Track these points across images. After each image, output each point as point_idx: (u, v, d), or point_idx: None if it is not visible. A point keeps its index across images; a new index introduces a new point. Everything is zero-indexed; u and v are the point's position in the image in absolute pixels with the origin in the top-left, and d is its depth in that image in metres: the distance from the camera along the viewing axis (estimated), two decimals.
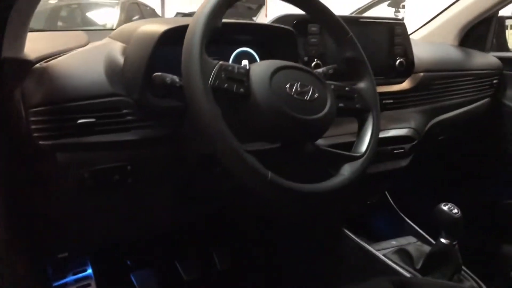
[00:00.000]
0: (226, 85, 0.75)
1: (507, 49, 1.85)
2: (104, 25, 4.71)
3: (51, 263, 1.16)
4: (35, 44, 1.01)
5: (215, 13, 0.76)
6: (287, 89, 0.79)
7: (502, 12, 1.79)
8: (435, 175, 1.71)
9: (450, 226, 1.02)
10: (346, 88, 0.91)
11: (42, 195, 0.87)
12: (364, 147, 0.88)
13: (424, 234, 1.22)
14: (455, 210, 1.02)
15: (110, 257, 1.32)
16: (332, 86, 0.89)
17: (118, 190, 0.89)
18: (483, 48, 1.75)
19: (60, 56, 0.93)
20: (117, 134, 0.86)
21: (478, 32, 1.73)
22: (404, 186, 1.41)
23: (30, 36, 0.89)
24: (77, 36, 1.15)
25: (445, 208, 1.02)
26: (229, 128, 0.72)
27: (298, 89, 0.80)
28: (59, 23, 4.68)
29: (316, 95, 0.82)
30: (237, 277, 1.45)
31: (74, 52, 0.95)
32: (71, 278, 1.25)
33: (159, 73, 0.78)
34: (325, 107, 0.82)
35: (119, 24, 4.54)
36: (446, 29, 1.73)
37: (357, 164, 0.85)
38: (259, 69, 0.80)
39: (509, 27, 2.15)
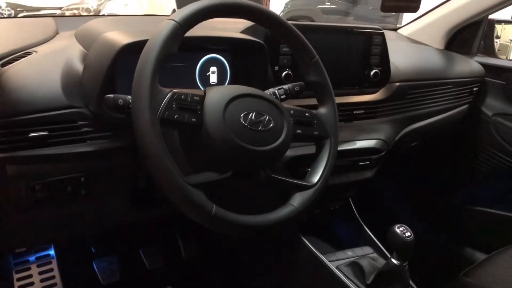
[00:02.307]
0: (176, 116, 0.74)
1: (494, 53, 1.82)
2: None
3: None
4: None
5: (170, 40, 0.73)
6: (241, 119, 0.78)
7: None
8: (403, 181, 1.72)
9: (402, 249, 1.04)
10: (306, 114, 0.90)
11: None
12: (316, 177, 0.88)
13: (380, 246, 1.24)
14: (408, 233, 1.04)
15: (74, 243, 1.34)
16: (292, 111, 0.88)
17: (71, 200, 0.89)
18: (469, 51, 1.72)
19: (20, 58, 0.91)
20: (71, 146, 0.86)
21: (466, 34, 1.70)
22: (369, 193, 1.42)
23: None
24: (44, 26, 1.12)
25: (398, 230, 1.04)
26: (176, 158, 0.72)
27: (253, 118, 0.79)
28: None
29: (271, 124, 0.81)
30: (201, 266, 1.49)
31: (32, 56, 0.92)
32: (32, 257, 1.28)
33: (111, 95, 0.77)
34: (280, 137, 0.82)
35: None
36: (433, 30, 1.70)
37: (307, 194, 0.86)
38: (215, 97, 0.79)
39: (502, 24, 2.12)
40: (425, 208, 1.80)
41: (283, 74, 1.09)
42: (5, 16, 4.64)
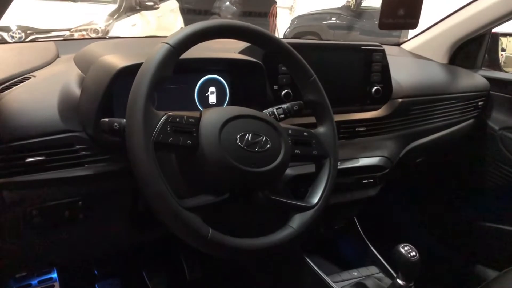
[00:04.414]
0: (171, 139, 0.73)
1: (499, 67, 1.80)
2: None
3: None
4: None
5: (163, 64, 0.73)
6: (237, 141, 0.77)
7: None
8: (409, 197, 1.70)
9: (407, 269, 1.02)
10: (305, 133, 0.89)
11: None
12: (316, 198, 0.87)
13: (386, 265, 1.21)
14: (413, 253, 1.01)
15: (76, 265, 1.33)
16: (290, 131, 0.87)
17: (69, 225, 0.89)
18: (473, 65, 1.71)
19: (18, 83, 0.91)
20: (69, 170, 0.85)
21: (470, 48, 1.69)
22: (375, 210, 1.40)
23: None
24: (44, 50, 1.13)
25: (403, 250, 1.01)
26: (172, 182, 0.71)
27: (249, 140, 0.78)
28: None
29: (268, 145, 0.80)
30: None
31: (31, 81, 0.92)
32: (34, 280, 1.27)
33: (107, 119, 0.76)
34: (278, 158, 0.81)
35: None
36: (436, 44, 1.69)
37: (306, 215, 0.84)
38: (210, 119, 0.78)
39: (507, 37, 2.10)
40: (433, 225, 1.76)
41: (283, 93, 1.08)
42: (15, 39, 4.69)
